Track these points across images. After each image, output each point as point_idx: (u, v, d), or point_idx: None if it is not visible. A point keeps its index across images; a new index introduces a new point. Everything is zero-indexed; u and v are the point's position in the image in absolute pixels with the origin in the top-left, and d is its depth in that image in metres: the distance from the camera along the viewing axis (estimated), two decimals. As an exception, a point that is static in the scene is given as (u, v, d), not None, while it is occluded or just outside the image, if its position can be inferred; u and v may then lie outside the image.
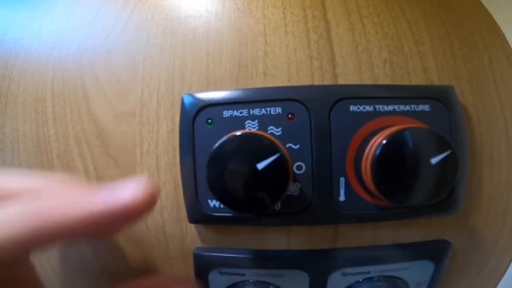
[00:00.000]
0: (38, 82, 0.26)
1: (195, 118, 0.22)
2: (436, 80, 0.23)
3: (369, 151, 0.19)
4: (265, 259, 0.22)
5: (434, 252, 0.22)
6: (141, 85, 0.24)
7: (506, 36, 0.24)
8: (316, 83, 0.23)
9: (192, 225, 0.24)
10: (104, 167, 0.24)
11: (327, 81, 0.22)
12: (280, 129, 0.21)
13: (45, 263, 0.26)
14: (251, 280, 0.23)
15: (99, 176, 0.24)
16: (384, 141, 0.18)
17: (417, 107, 0.21)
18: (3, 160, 0.26)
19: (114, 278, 0.25)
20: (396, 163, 0.18)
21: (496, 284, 0.24)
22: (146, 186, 0.14)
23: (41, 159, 0.25)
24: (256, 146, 0.17)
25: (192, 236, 0.24)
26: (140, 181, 0.14)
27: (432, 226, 0.23)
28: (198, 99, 0.22)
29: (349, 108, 0.21)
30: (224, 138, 0.18)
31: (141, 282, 0.20)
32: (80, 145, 0.25)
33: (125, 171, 0.24)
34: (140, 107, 0.24)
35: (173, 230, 0.24)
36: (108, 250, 0.25)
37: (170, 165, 0.23)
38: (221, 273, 0.23)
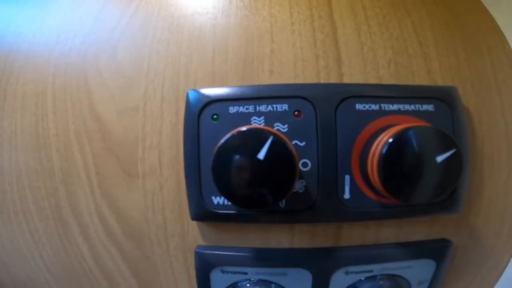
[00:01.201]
0: (39, 75, 0.26)
1: (201, 114, 0.21)
2: (439, 81, 0.23)
3: (376, 149, 0.19)
4: (267, 258, 0.22)
5: (436, 250, 0.22)
6: (146, 80, 0.24)
7: (508, 39, 0.24)
8: (322, 81, 0.23)
9: (194, 223, 0.23)
10: (104, 163, 0.24)
11: (333, 80, 0.23)
12: (286, 126, 0.21)
13: (39, 260, 0.26)
14: (253, 279, 0.22)
15: (99, 172, 0.24)
16: (391, 139, 0.18)
17: (422, 107, 0.21)
18: (0, 154, 0.26)
19: (113, 278, 0.25)
20: (402, 161, 0.18)
21: (495, 283, 0.25)
22: None
23: (40, 154, 0.25)
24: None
25: (193, 234, 0.23)
26: None
27: (433, 225, 0.23)
28: (203, 95, 0.22)
29: (355, 107, 0.21)
30: (230, 133, 0.18)
31: None
32: (81, 140, 0.24)
33: (126, 166, 0.24)
34: (143, 102, 0.24)
35: (174, 228, 0.23)
36: (106, 249, 0.24)
37: (173, 161, 0.23)
38: (223, 271, 0.22)
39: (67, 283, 0.26)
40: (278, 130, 0.20)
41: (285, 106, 0.21)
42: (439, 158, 0.18)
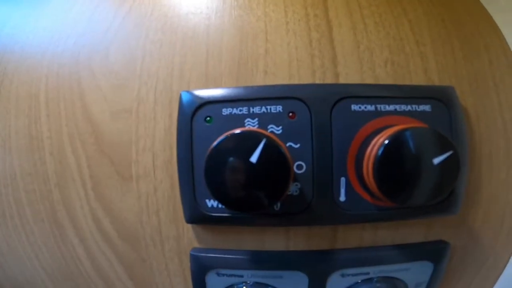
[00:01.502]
0: (33, 77, 0.25)
1: (194, 116, 0.21)
2: (436, 81, 0.23)
3: (371, 151, 0.18)
4: (263, 260, 0.22)
5: (434, 252, 0.22)
6: (139, 81, 0.24)
7: (506, 38, 0.24)
8: (317, 81, 0.22)
9: (189, 225, 0.23)
10: (98, 165, 0.24)
11: (328, 80, 0.22)
12: (280, 127, 0.20)
13: (35, 262, 0.26)
14: (249, 282, 0.22)
15: (93, 174, 0.24)
16: (386, 141, 0.18)
17: (418, 107, 0.21)
18: (-6, 157, 0.25)
19: (109, 279, 0.25)
20: (398, 163, 0.17)
21: (494, 283, 0.24)
22: None
23: (33, 156, 0.25)
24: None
25: (188, 236, 0.23)
26: None
27: (431, 227, 0.23)
28: (196, 96, 0.21)
29: (350, 107, 0.20)
30: (223, 136, 0.17)
31: None
32: (74, 142, 0.24)
33: (120, 169, 0.23)
34: (136, 104, 0.23)
35: (169, 230, 0.23)
36: (101, 251, 0.24)
37: (167, 163, 0.23)
38: (218, 274, 0.22)
39: (64, 284, 0.26)
40: (272, 132, 0.20)
41: (279, 108, 0.20)
42: (436, 160, 0.17)
